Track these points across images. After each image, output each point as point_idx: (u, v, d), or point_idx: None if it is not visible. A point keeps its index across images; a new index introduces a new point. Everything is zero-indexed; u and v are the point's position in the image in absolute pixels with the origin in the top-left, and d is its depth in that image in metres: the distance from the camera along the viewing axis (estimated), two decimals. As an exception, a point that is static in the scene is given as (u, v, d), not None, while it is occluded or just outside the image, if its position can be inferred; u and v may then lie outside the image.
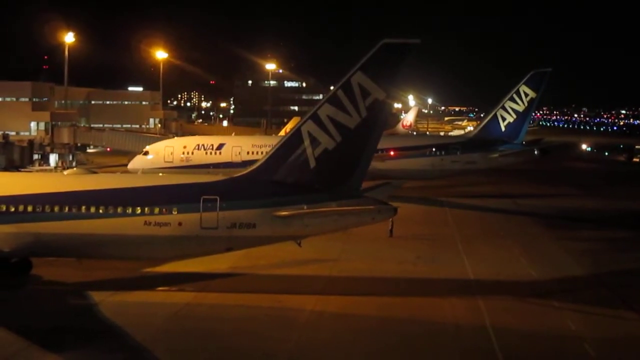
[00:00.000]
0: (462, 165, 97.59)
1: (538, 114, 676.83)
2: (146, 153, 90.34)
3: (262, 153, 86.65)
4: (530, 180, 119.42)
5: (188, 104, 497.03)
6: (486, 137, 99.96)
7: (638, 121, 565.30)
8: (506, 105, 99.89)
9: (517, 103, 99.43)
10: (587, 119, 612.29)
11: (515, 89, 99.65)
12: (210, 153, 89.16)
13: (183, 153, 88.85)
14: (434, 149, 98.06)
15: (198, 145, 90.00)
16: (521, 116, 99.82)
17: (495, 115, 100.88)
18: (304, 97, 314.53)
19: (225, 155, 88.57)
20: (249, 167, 47.19)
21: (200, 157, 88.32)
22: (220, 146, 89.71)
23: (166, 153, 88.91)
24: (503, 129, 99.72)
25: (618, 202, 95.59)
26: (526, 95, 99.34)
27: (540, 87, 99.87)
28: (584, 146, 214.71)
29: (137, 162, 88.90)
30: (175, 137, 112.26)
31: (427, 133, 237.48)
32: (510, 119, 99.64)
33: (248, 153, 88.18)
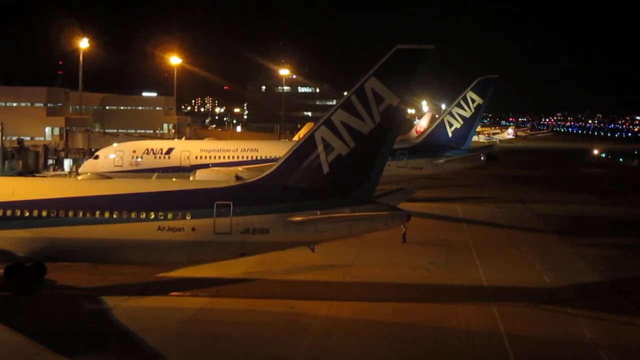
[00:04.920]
0: (408, 171, 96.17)
1: (552, 120, 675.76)
2: (97, 157, 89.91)
3: (210, 157, 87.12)
4: (543, 186, 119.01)
5: (202, 109, 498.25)
6: (433, 142, 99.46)
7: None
8: (453, 112, 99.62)
9: (464, 109, 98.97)
10: (602, 125, 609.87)
11: (462, 95, 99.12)
12: (160, 157, 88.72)
13: (132, 157, 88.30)
14: None
15: (147, 149, 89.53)
16: (468, 122, 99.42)
17: (443, 121, 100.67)
18: (318, 102, 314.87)
19: (174, 160, 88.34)
20: (263, 173, 47.14)
21: (150, 162, 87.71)
22: (169, 151, 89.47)
23: (116, 157, 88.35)
24: (450, 134, 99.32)
25: (632, 208, 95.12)
26: (473, 101, 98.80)
27: (487, 93, 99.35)
28: (595, 151, 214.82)
29: (87, 167, 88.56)
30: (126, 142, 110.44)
31: None
32: (457, 124, 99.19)
33: (197, 157, 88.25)
